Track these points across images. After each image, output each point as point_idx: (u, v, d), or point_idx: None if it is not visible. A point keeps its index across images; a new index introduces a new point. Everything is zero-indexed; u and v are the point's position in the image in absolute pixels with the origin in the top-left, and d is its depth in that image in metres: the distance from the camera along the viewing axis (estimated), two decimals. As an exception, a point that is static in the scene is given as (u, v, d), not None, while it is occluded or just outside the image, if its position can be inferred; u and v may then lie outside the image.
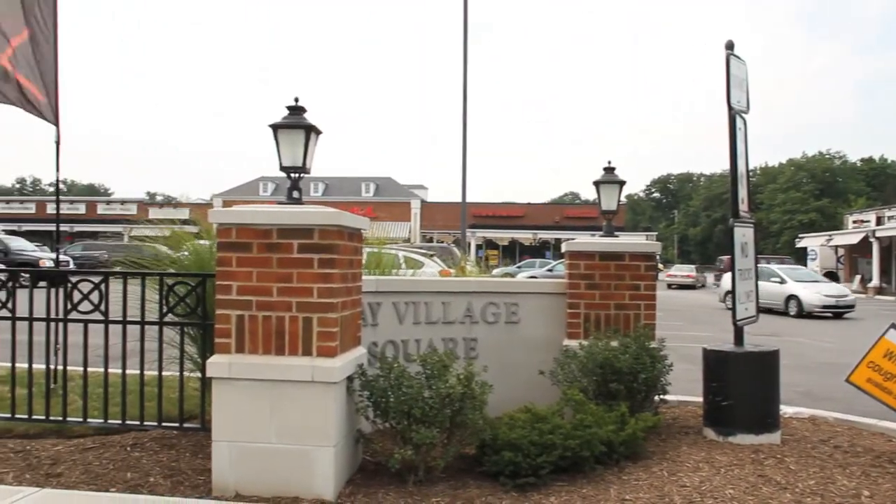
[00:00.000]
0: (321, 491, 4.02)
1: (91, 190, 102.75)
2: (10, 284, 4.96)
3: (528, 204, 59.62)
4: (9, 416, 4.93)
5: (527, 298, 5.86)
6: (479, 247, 52.36)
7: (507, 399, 4.95)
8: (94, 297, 4.76)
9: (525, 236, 55.04)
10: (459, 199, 22.47)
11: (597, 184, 6.05)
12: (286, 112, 4.48)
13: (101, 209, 58.65)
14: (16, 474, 4.42)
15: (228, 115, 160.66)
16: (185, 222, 6.06)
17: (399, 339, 5.42)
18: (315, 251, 4.06)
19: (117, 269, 5.26)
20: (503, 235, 54.13)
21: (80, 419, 4.88)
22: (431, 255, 12.93)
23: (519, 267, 39.70)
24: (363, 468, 4.57)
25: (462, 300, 5.69)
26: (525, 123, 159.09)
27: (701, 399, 5.62)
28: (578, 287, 5.67)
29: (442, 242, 35.99)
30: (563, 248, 5.94)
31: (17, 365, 4.92)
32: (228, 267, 4.12)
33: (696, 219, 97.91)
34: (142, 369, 4.74)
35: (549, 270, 32.69)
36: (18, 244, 29.10)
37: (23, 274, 5.31)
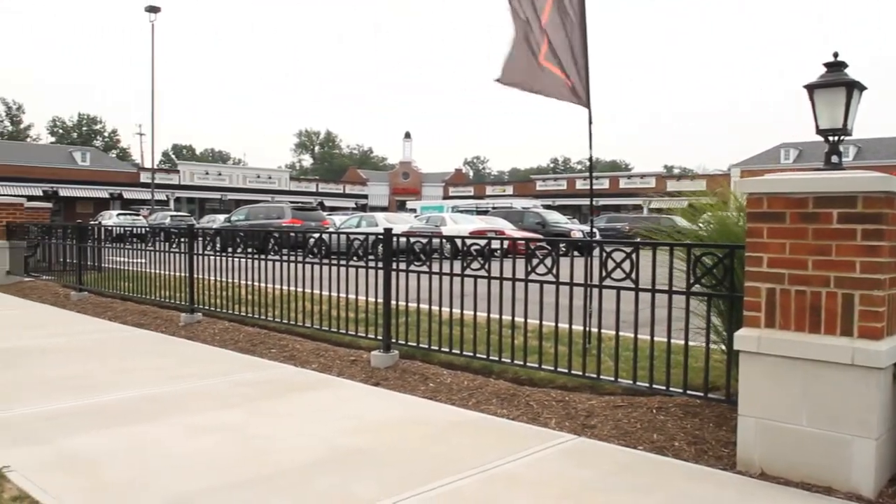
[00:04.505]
0: (858, 485, 3.65)
1: (613, 166, 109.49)
2: (553, 253, 5.56)
3: None
4: (552, 368, 5.55)
5: None
6: None
7: None
8: (626, 265, 5.04)
9: None
10: None
11: None
12: (823, 70, 4.11)
13: (622, 183, 62.19)
14: (557, 421, 4.97)
15: (742, 78, 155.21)
16: (702, 193, 6.01)
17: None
18: (858, 221, 3.66)
19: (637, 239, 5.48)
20: None
21: (612, 378, 5.23)
22: None
23: None
24: (911, 468, 4.02)
25: None
26: None
27: None
28: None
29: None
30: None
31: (560, 325, 5.49)
32: (758, 238, 3.97)
33: None
34: (668, 337, 4.88)
35: None
36: (553, 217, 32.69)
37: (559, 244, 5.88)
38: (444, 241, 6.57)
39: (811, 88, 4.08)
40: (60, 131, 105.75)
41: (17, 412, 5.09)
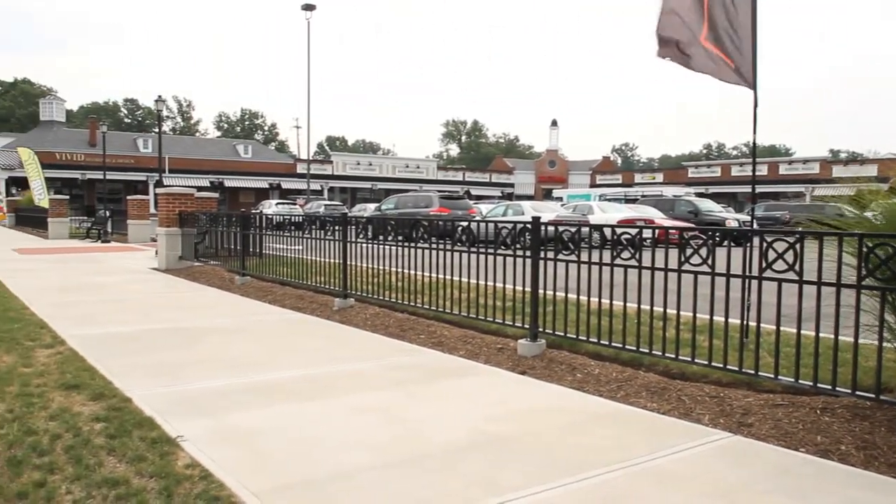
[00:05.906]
0: None
1: (771, 151, 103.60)
2: (709, 243, 5.35)
3: None
4: (706, 363, 5.35)
5: None
6: None
7: None
8: (788, 256, 4.77)
9: None
10: None
11: None
12: None
13: (782, 169, 58.68)
14: (711, 417, 4.79)
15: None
16: (876, 180, 5.57)
17: None
18: None
19: (799, 229, 5.17)
20: None
21: (771, 375, 4.97)
22: None
23: None
24: None
25: None
26: None
27: None
28: None
29: None
30: None
31: (715, 318, 5.28)
32: (941, 229, 3.65)
33: None
34: (836, 333, 4.57)
35: None
36: (707, 205, 31.38)
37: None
38: (592, 229, 6.47)
39: None
40: (225, 126, 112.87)
41: (190, 387, 5.50)
